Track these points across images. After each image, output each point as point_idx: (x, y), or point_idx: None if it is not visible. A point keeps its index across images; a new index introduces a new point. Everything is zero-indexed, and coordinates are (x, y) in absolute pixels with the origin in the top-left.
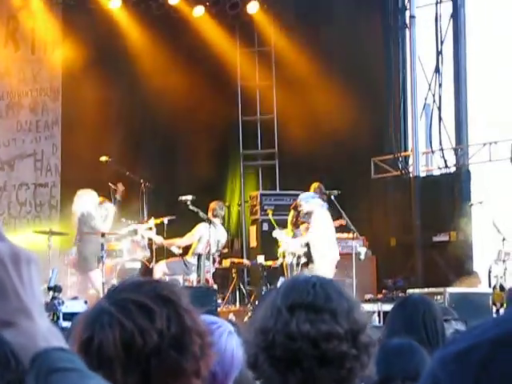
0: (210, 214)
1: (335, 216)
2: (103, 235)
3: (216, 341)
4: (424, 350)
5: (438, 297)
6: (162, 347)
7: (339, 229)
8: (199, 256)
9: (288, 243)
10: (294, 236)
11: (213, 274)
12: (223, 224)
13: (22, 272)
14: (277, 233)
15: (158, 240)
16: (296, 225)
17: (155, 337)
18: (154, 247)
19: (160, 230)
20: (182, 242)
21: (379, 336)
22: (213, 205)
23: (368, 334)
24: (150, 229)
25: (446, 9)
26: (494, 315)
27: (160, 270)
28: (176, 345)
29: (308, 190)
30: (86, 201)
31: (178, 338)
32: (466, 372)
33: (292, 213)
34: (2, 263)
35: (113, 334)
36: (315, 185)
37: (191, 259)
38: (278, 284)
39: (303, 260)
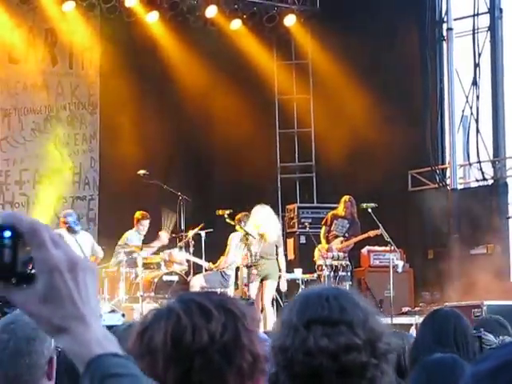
0: (237, 224)
1: (372, 227)
2: (141, 249)
3: None
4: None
5: (476, 310)
6: (210, 349)
7: (376, 241)
8: (237, 268)
9: None
10: (329, 250)
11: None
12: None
13: (78, 279)
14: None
15: (205, 265)
16: (328, 239)
17: (205, 337)
18: (191, 261)
19: (198, 243)
20: (228, 259)
21: (401, 343)
22: (240, 215)
23: (386, 342)
24: (188, 243)
25: (484, 21)
26: None
27: (198, 283)
28: (224, 353)
29: None
30: None
31: (229, 347)
32: None
33: (324, 228)
34: (58, 270)
35: (166, 325)
36: (345, 198)
37: (229, 271)
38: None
39: (341, 273)
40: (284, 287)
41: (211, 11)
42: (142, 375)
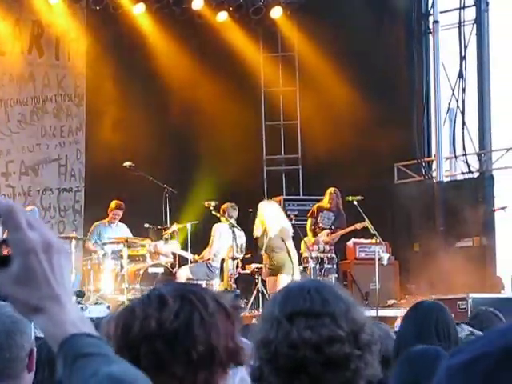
0: (221, 216)
1: (358, 220)
2: (126, 241)
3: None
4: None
5: (461, 302)
6: (156, 338)
7: (362, 234)
8: (222, 260)
9: None
10: (316, 242)
11: (236, 278)
12: (240, 225)
13: (53, 260)
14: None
15: (190, 257)
16: (315, 232)
17: (153, 325)
18: (176, 252)
19: (183, 234)
20: (212, 250)
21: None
22: (225, 206)
23: (368, 333)
24: (173, 234)
25: (470, 14)
26: None
27: (183, 275)
28: (171, 341)
29: None
30: None
31: (178, 336)
32: (471, 382)
33: (310, 220)
34: (34, 251)
35: (120, 315)
36: (330, 190)
37: (214, 263)
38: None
39: (327, 265)
40: (297, 277)
41: (197, 3)
42: (113, 355)
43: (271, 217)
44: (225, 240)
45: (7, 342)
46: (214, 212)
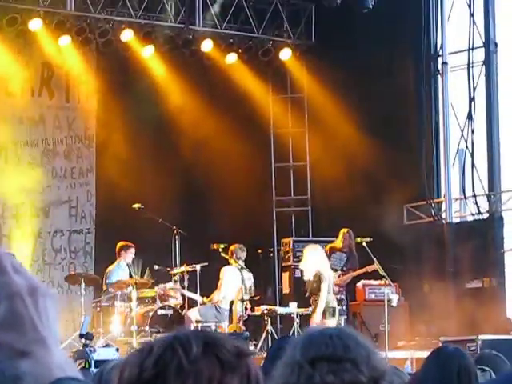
0: (229, 256)
1: (367, 261)
2: (135, 283)
3: None
4: None
5: (471, 344)
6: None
7: (371, 275)
8: (231, 302)
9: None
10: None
11: (245, 320)
12: (249, 267)
13: (39, 303)
14: None
15: (199, 299)
16: None
17: (136, 372)
18: (185, 294)
19: (193, 276)
20: (221, 293)
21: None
22: (233, 247)
23: (388, 380)
24: (182, 273)
25: (479, 55)
26: None
27: (192, 317)
28: None
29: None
30: None
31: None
32: None
33: None
34: (20, 296)
35: (121, 363)
36: (344, 230)
37: (223, 305)
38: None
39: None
40: (316, 320)
41: (207, 45)
42: None
43: (324, 262)
44: (233, 282)
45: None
46: (222, 254)
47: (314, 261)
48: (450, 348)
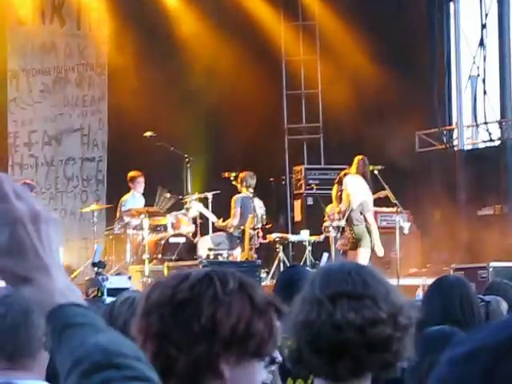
0: (239, 184)
1: (379, 189)
2: (147, 212)
3: None
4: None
5: (482, 271)
6: (165, 304)
7: (383, 203)
8: (243, 231)
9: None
10: (340, 210)
11: (257, 248)
12: (261, 195)
13: (41, 231)
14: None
15: (214, 219)
16: (340, 199)
17: (168, 294)
18: (198, 222)
19: (204, 205)
20: (234, 222)
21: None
22: (242, 175)
23: (406, 315)
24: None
25: None
26: None
27: (205, 244)
28: (177, 309)
29: (352, 163)
30: None
31: (183, 305)
32: (472, 374)
33: (336, 187)
34: (21, 222)
35: (150, 286)
36: (359, 157)
37: (236, 233)
38: (323, 259)
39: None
40: (380, 253)
41: None
42: (101, 325)
43: (354, 190)
44: (246, 210)
45: (24, 322)
46: (234, 182)
47: (360, 190)
48: (451, 277)
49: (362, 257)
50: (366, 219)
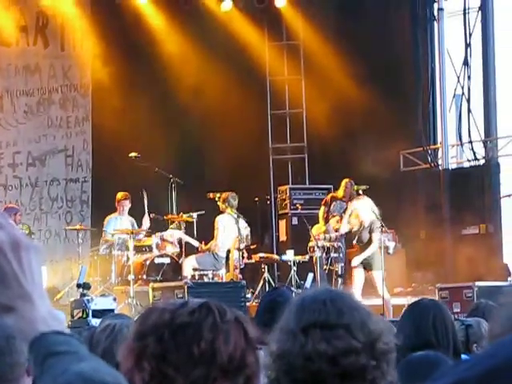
0: (222, 205)
1: None
2: (132, 233)
3: None
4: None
5: (467, 291)
6: (164, 327)
7: None
8: (228, 251)
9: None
10: (326, 231)
11: (242, 268)
12: (246, 215)
13: (22, 258)
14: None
15: (196, 244)
16: (327, 220)
17: (167, 317)
18: (183, 243)
19: (189, 225)
20: (218, 242)
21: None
22: (225, 195)
23: (385, 342)
24: (179, 224)
25: (475, 1)
26: None
27: (190, 265)
28: (177, 332)
29: (337, 183)
30: None
31: (184, 328)
32: None
33: (322, 208)
34: (2, 250)
35: (145, 311)
36: (346, 180)
37: (221, 253)
38: (308, 280)
39: (333, 254)
40: (354, 263)
41: None
42: (84, 352)
43: (365, 210)
44: (229, 231)
45: (8, 347)
46: (219, 203)
47: (369, 211)
48: (425, 300)
49: (378, 280)
50: (371, 238)
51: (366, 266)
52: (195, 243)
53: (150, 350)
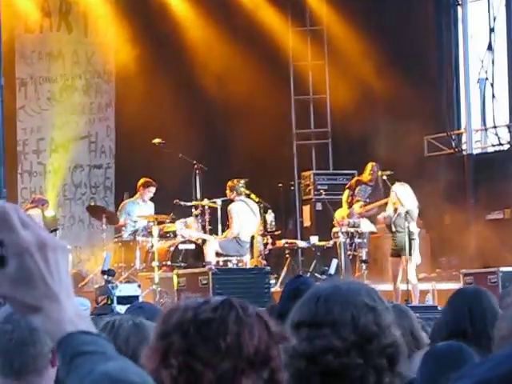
0: (231, 194)
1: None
2: (156, 219)
3: None
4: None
5: (492, 276)
6: (188, 323)
7: None
8: (252, 237)
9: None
10: (349, 215)
11: (266, 254)
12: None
13: (49, 258)
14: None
15: (209, 238)
16: (350, 204)
17: (189, 314)
18: (207, 228)
19: (213, 211)
20: (234, 230)
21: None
22: (231, 183)
23: (386, 336)
24: (203, 208)
25: None
26: None
27: (212, 249)
28: (202, 327)
29: (362, 169)
30: None
31: (209, 323)
32: None
33: (347, 192)
34: (29, 251)
35: (167, 311)
36: (372, 164)
37: (244, 238)
38: (332, 266)
39: (357, 239)
40: (417, 260)
41: None
42: (111, 352)
43: (403, 197)
44: (244, 217)
45: (31, 338)
46: (227, 191)
47: (408, 199)
48: (469, 288)
49: (410, 267)
50: (409, 227)
51: (399, 252)
52: (208, 237)
53: (175, 346)
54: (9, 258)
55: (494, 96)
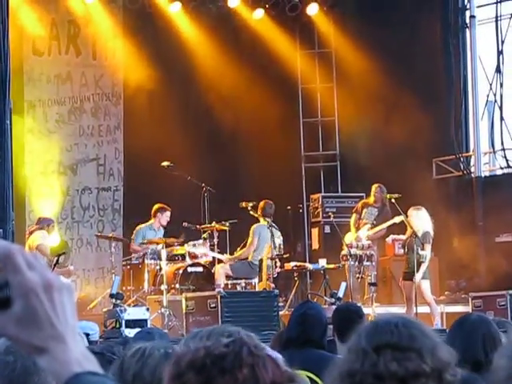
0: (259, 213)
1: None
2: (165, 243)
3: None
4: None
5: (501, 299)
6: (203, 359)
7: (401, 231)
8: (261, 260)
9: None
10: (357, 238)
11: (275, 277)
12: (278, 224)
13: (54, 299)
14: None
15: (224, 258)
16: (358, 227)
17: (202, 352)
18: (216, 251)
19: (222, 234)
20: (252, 248)
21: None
22: (262, 204)
23: (452, 373)
24: (212, 231)
25: (507, 8)
26: None
27: (223, 272)
28: (218, 361)
29: (370, 191)
30: None
31: (224, 357)
32: None
33: (354, 216)
34: (34, 292)
35: (178, 351)
36: (375, 186)
37: (255, 261)
38: (341, 289)
39: (365, 262)
40: (417, 279)
41: (233, 1)
42: None
43: (419, 220)
44: (263, 240)
45: (35, 367)
46: (251, 212)
47: (424, 221)
48: (474, 316)
49: (425, 287)
50: (423, 248)
51: (412, 275)
52: (222, 257)
53: (191, 382)
54: (15, 298)
55: (502, 118)
